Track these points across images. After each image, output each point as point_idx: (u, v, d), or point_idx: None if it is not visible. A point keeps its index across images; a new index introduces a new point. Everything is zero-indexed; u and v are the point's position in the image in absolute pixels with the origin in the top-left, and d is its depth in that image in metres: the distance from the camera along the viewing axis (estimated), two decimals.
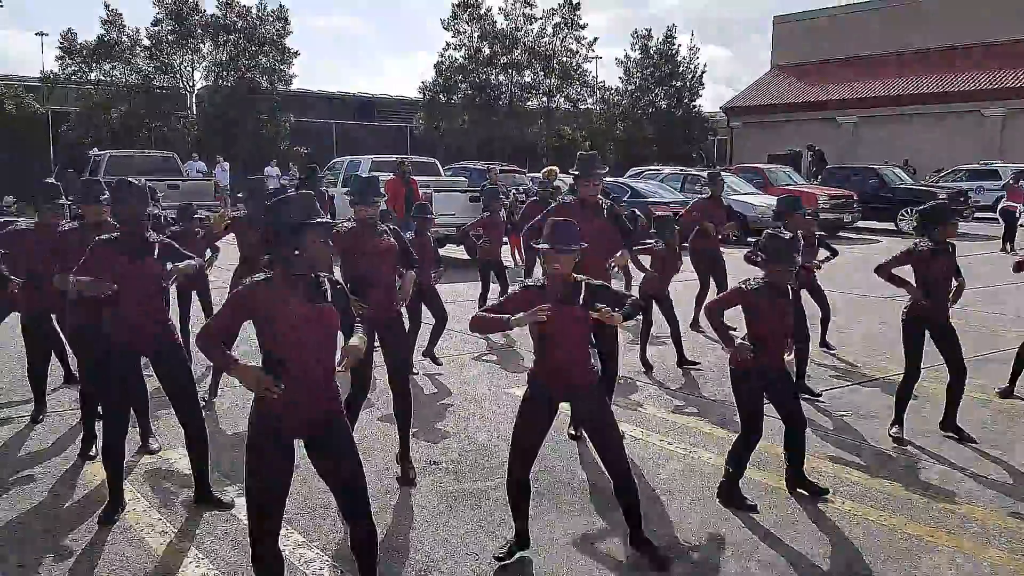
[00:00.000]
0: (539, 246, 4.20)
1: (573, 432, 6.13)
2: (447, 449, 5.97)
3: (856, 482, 5.42)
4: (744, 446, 5.01)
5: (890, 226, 23.98)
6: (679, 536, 4.64)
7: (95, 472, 5.38)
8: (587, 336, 4.23)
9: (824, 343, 8.98)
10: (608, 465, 4.28)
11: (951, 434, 6.22)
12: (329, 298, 3.46)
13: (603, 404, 4.32)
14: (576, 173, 6.26)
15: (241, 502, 4.55)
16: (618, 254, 6.05)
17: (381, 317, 5.21)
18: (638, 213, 10.99)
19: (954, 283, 6.21)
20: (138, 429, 5.78)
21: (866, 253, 18.75)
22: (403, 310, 7.69)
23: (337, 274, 4.00)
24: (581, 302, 4.09)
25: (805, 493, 5.15)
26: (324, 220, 3.45)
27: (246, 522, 4.64)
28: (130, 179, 5.05)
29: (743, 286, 4.89)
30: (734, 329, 4.95)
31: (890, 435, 6.21)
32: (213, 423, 6.32)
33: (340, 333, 3.60)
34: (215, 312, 3.62)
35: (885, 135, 39.20)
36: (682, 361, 8.42)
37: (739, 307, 4.97)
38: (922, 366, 6.22)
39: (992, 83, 37.27)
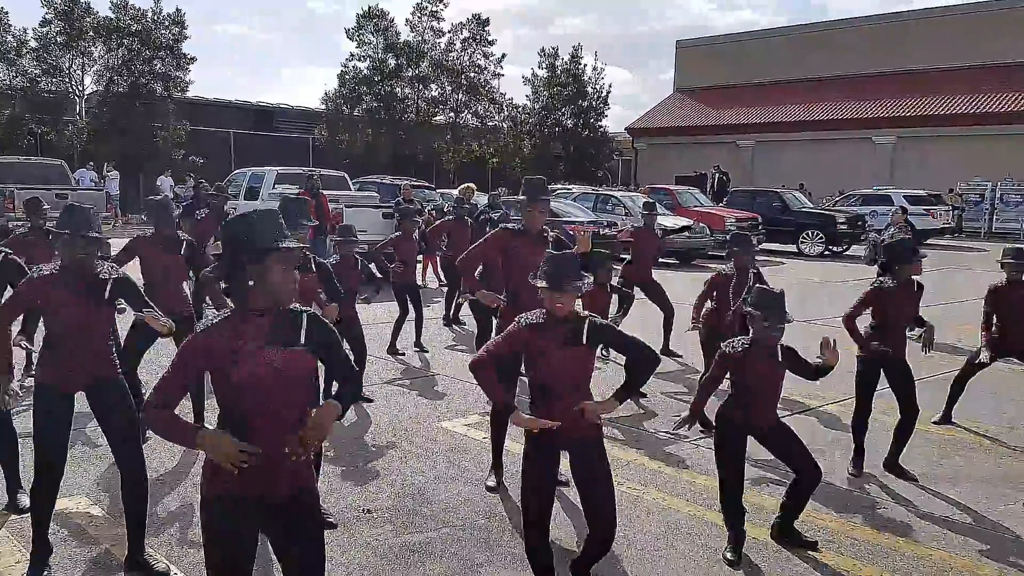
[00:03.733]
0: (538, 285, 3.75)
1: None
2: (379, 494, 5.45)
3: (822, 526, 5.14)
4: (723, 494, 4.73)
5: (792, 248, 24.45)
6: None
7: None
8: (589, 379, 3.86)
9: None
10: (596, 522, 3.86)
11: (892, 474, 6.02)
12: (303, 339, 2.88)
13: (604, 456, 3.90)
14: (522, 199, 5.79)
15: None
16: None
17: None
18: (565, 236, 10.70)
19: (917, 329, 6.08)
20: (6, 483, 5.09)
21: (773, 276, 19.00)
22: None
23: None
24: (585, 341, 3.73)
25: (788, 543, 4.84)
26: (289, 245, 2.86)
27: None
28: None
29: (728, 350, 4.57)
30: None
31: (849, 472, 6.01)
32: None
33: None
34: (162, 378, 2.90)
35: (781, 159, 40.31)
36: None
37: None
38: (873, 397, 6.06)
39: (884, 111, 38.75)
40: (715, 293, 7.34)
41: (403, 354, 9.71)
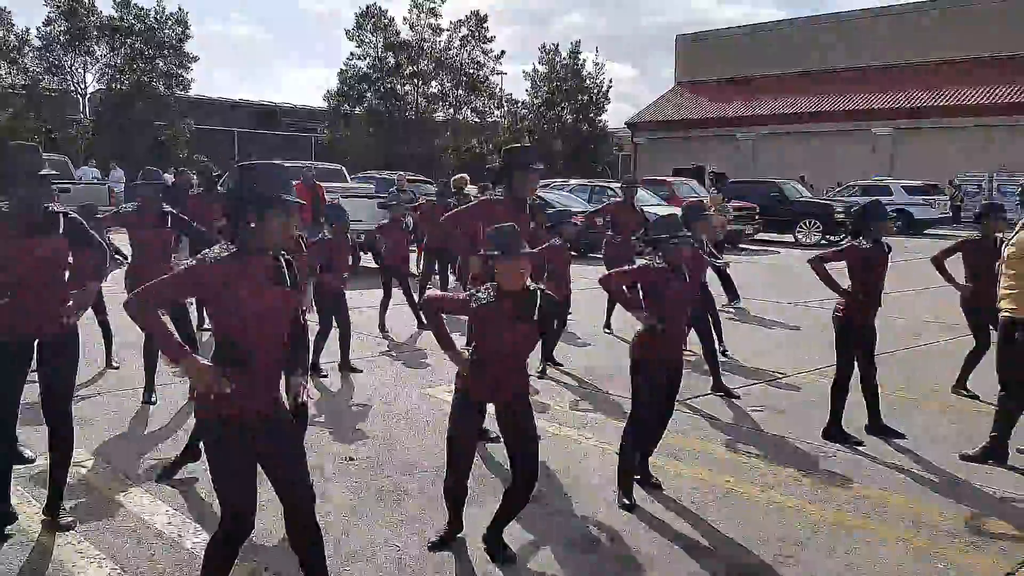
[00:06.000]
0: (490, 254, 3.94)
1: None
2: (362, 446, 5.80)
3: (777, 474, 5.47)
4: (635, 432, 5.02)
5: (789, 238, 24.70)
6: (598, 521, 4.61)
7: None
8: (531, 350, 4.15)
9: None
10: (520, 470, 4.09)
11: (880, 436, 6.24)
12: (288, 281, 3.22)
13: (530, 413, 4.16)
14: (507, 165, 5.74)
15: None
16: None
17: None
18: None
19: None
20: None
21: (769, 263, 19.35)
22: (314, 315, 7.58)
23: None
24: (537, 317, 3.94)
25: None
26: (290, 198, 3.18)
27: (141, 518, 4.47)
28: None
29: (650, 262, 4.91)
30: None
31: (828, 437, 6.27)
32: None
33: None
34: (160, 280, 3.19)
35: (782, 151, 40.58)
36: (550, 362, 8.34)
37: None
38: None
39: (882, 103, 38.98)
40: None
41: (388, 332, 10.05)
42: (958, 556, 4.32)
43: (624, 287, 5.10)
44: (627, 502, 4.85)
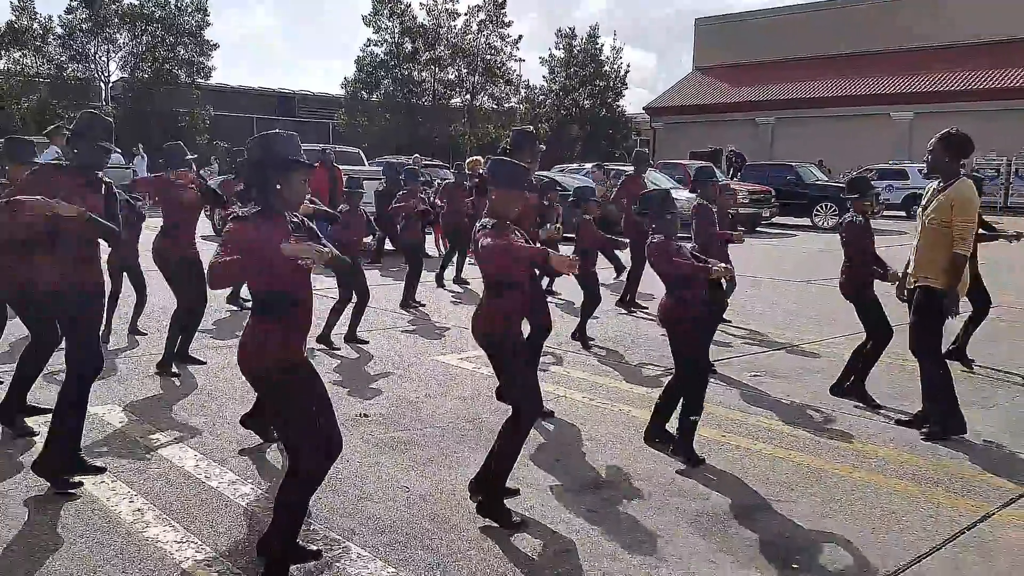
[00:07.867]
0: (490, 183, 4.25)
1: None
2: (376, 404, 6.07)
3: (770, 428, 5.71)
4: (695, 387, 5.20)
5: (806, 221, 24.75)
6: (601, 467, 4.86)
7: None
8: None
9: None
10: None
11: (854, 399, 6.44)
12: (305, 234, 3.49)
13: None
14: (509, 148, 5.91)
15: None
16: (548, 226, 6.37)
17: None
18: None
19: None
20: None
21: (783, 244, 19.51)
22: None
23: None
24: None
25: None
26: (307, 161, 3.46)
27: (170, 461, 4.76)
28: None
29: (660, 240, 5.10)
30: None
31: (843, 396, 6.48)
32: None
33: None
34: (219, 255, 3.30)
35: (801, 135, 40.48)
36: (581, 336, 8.46)
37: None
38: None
39: (901, 88, 38.83)
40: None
41: (423, 305, 10.32)
42: (944, 500, 4.53)
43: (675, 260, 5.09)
44: (697, 457, 5.04)
